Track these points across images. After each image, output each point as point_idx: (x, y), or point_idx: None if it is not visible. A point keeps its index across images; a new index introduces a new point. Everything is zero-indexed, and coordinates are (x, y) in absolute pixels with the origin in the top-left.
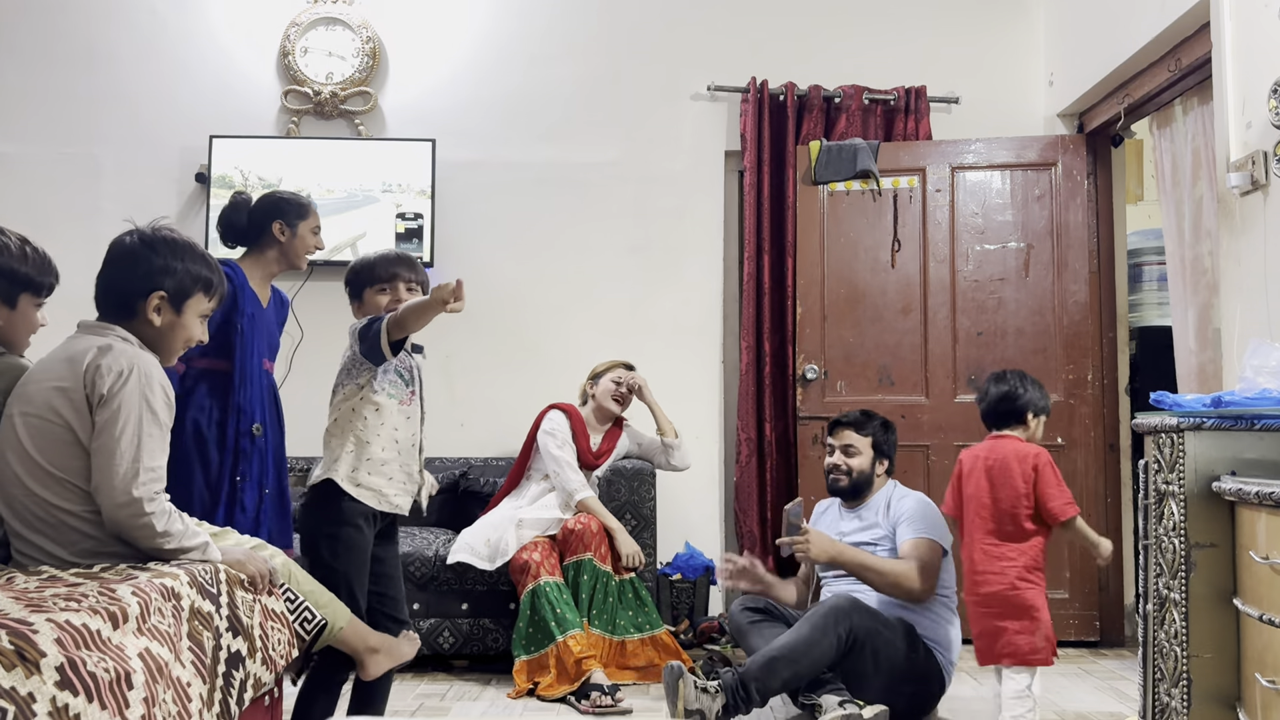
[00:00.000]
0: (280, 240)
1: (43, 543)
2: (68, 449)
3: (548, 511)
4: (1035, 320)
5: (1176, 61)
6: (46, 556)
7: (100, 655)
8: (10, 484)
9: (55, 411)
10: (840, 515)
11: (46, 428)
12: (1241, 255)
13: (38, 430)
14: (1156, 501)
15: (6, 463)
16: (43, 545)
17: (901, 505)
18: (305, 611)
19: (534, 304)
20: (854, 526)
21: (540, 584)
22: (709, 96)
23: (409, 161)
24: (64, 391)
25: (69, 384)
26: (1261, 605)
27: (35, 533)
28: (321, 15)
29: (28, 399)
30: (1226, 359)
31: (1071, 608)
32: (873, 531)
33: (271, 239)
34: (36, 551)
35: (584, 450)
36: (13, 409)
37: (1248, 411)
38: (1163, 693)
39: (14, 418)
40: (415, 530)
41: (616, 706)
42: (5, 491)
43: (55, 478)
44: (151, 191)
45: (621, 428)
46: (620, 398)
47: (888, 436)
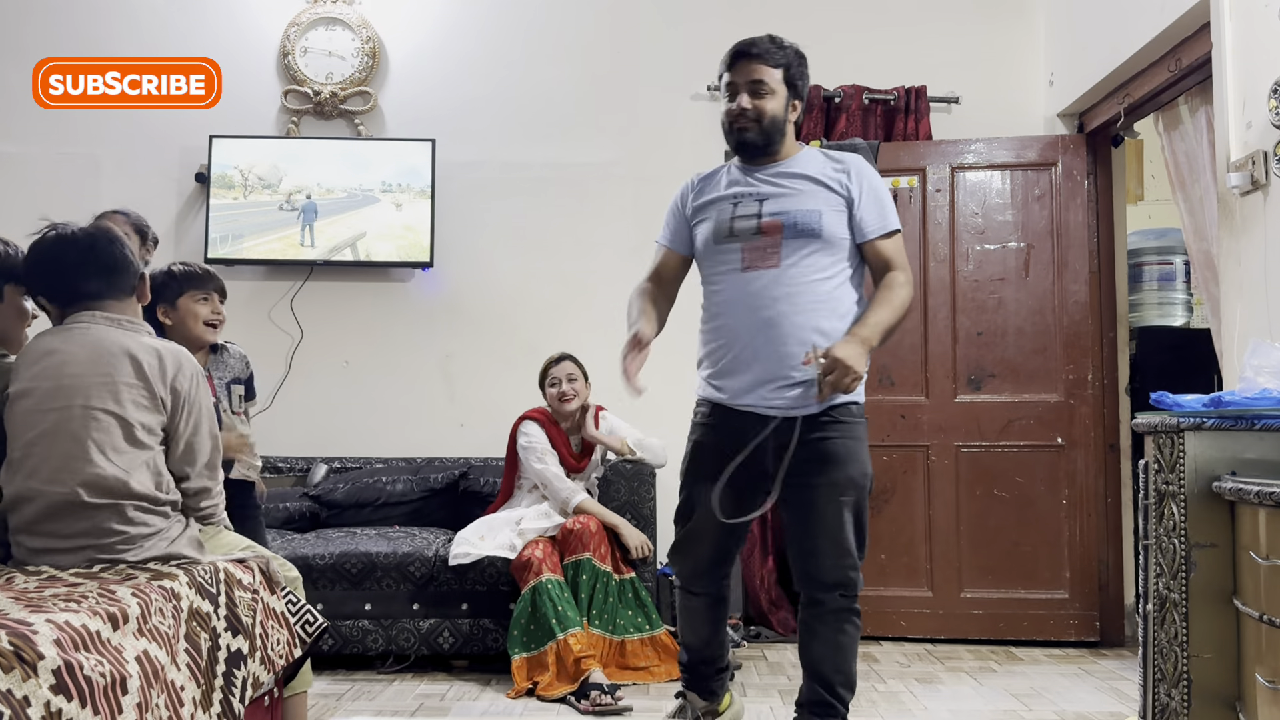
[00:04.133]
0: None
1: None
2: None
3: (546, 520)
4: (1035, 320)
5: (1177, 61)
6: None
7: (99, 658)
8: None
9: (120, 404)
10: (734, 181)
11: (107, 420)
12: (1242, 255)
13: (99, 423)
14: (1156, 501)
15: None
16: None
17: (866, 175)
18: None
19: (534, 304)
20: (770, 192)
21: (542, 581)
22: (709, 96)
23: (409, 161)
24: (132, 388)
25: (134, 380)
26: (1261, 605)
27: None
28: (321, 15)
29: (85, 393)
30: (1227, 359)
31: (1071, 608)
32: (799, 200)
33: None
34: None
35: (565, 455)
36: (72, 400)
37: (1248, 411)
38: (1163, 693)
39: (73, 408)
40: (415, 530)
41: (616, 706)
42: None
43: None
44: (151, 191)
45: (599, 419)
46: (565, 396)
47: (803, 70)
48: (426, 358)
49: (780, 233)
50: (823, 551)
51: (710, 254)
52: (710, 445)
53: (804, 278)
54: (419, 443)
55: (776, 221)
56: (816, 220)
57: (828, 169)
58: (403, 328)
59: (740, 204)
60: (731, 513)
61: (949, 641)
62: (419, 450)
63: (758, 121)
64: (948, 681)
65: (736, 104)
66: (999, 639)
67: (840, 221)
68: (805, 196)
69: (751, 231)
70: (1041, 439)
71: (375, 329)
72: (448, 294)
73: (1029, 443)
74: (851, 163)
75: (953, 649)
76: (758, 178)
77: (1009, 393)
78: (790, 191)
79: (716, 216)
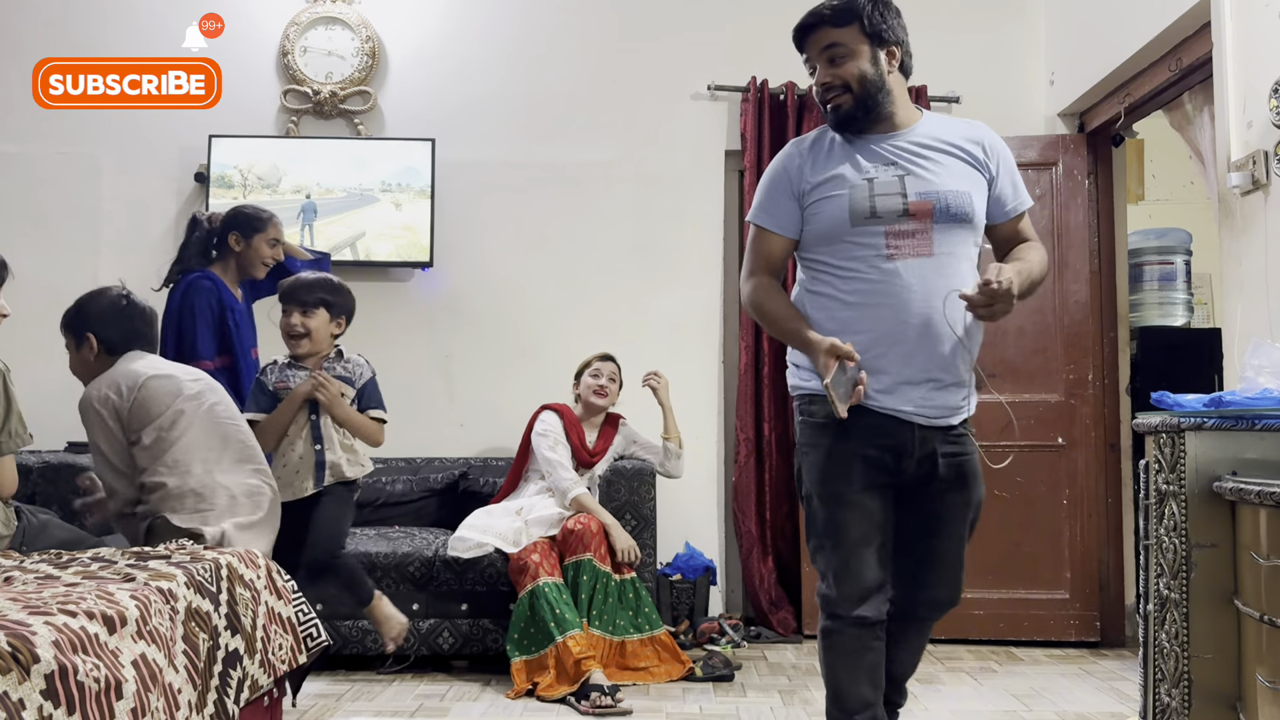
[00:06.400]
0: (236, 251)
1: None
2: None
3: (548, 509)
4: (1036, 320)
5: (1177, 61)
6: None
7: (95, 662)
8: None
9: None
10: (858, 152)
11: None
12: (1242, 255)
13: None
14: (1157, 501)
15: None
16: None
17: (999, 147)
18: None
19: (534, 304)
20: (908, 166)
21: (539, 584)
22: (709, 96)
23: (409, 161)
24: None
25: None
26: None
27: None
28: (321, 15)
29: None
30: (1227, 359)
31: (1072, 608)
32: (945, 177)
33: (229, 249)
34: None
35: (579, 448)
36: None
37: (1248, 411)
38: (1163, 693)
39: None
40: (415, 530)
41: (616, 707)
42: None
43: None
44: (151, 191)
45: (617, 426)
46: (601, 390)
47: (882, 12)
48: (426, 358)
49: (930, 216)
50: (944, 571)
51: (839, 236)
52: (847, 452)
53: (954, 268)
54: (418, 443)
55: (926, 204)
56: (968, 203)
57: (964, 138)
58: (402, 328)
59: (877, 181)
60: (876, 518)
61: (949, 641)
62: (418, 450)
63: (848, 90)
64: (948, 682)
65: (818, 79)
66: (999, 639)
67: (984, 202)
68: (950, 174)
69: (897, 214)
70: (1042, 439)
71: (375, 329)
72: (447, 294)
73: (1029, 443)
74: (984, 133)
75: (953, 649)
76: (885, 149)
77: (1009, 392)
78: (930, 166)
79: (851, 194)
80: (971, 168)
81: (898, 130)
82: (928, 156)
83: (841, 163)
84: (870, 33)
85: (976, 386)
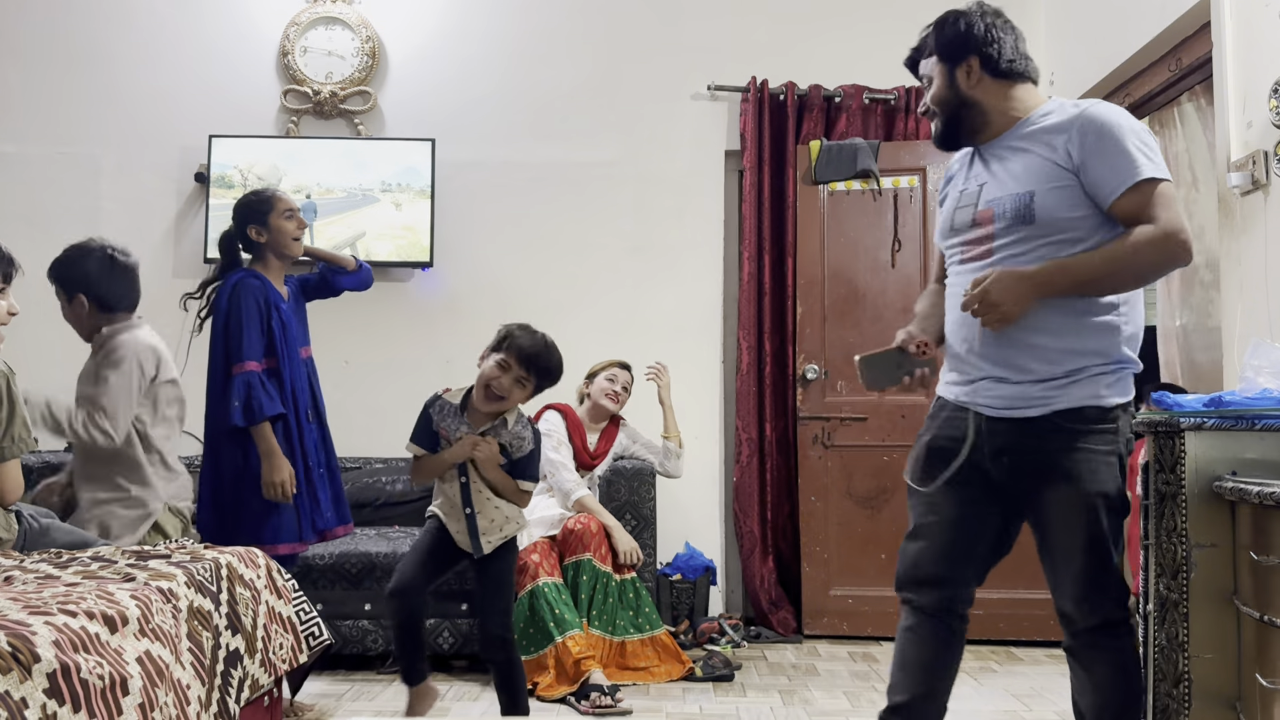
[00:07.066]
0: (261, 241)
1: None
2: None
3: (549, 509)
4: None
5: (1177, 61)
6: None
7: (98, 660)
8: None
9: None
10: (966, 164)
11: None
12: (1242, 255)
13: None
14: (1157, 501)
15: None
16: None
17: (1090, 129)
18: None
19: (534, 304)
20: (989, 175)
21: (539, 584)
22: (709, 96)
23: (409, 161)
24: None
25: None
26: (1261, 605)
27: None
28: (321, 15)
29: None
30: (1227, 359)
31: None
32: (1012, 180)
33: (255, 245)
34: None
35: (580, 450)
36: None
37: (1248, 411)
38: (1163, 693)
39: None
40: (415, 530)
41: (616, 707)
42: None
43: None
44: (151, 191)
45: (619, 426)
46: (614, 396)
47: (950, 31)
48: (426, 357)
49: (992, 222)
50: (1057, 579)
51: (941, 244)
52: (922, 443)
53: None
54: None
55: (989, 211)
56: (1027, 203)
57: (1051, 130)
58: (402, 327)
59: (965, 192)
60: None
61: None
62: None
63: (936, 115)
64: None
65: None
66: (999, 639)
67: (1063, 198)
68: (1016, 176)
69: (968, 224)
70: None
71: (375, 329)
72: (447, 294)
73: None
74: (1077, 119)
75: None
76: (983, 156)
77: None
78: (1004, 170)
79: (946, 208)
80: (1047, 162)
81: (997, 136)
82: (1006, 160)
83: (959, 176)
84: (942, 55)
85: (922, 384)
